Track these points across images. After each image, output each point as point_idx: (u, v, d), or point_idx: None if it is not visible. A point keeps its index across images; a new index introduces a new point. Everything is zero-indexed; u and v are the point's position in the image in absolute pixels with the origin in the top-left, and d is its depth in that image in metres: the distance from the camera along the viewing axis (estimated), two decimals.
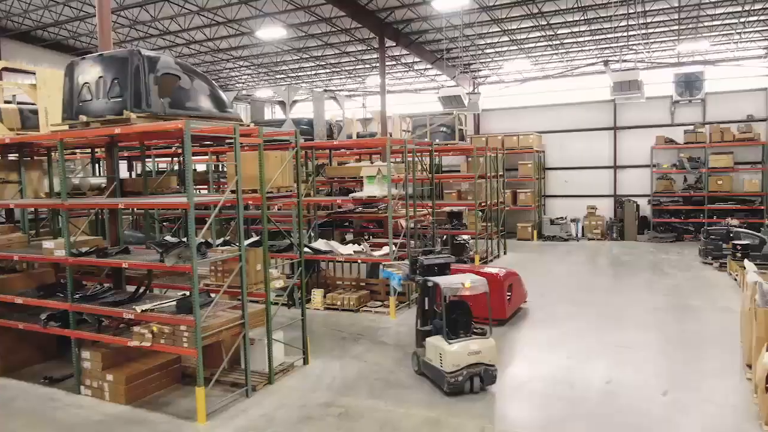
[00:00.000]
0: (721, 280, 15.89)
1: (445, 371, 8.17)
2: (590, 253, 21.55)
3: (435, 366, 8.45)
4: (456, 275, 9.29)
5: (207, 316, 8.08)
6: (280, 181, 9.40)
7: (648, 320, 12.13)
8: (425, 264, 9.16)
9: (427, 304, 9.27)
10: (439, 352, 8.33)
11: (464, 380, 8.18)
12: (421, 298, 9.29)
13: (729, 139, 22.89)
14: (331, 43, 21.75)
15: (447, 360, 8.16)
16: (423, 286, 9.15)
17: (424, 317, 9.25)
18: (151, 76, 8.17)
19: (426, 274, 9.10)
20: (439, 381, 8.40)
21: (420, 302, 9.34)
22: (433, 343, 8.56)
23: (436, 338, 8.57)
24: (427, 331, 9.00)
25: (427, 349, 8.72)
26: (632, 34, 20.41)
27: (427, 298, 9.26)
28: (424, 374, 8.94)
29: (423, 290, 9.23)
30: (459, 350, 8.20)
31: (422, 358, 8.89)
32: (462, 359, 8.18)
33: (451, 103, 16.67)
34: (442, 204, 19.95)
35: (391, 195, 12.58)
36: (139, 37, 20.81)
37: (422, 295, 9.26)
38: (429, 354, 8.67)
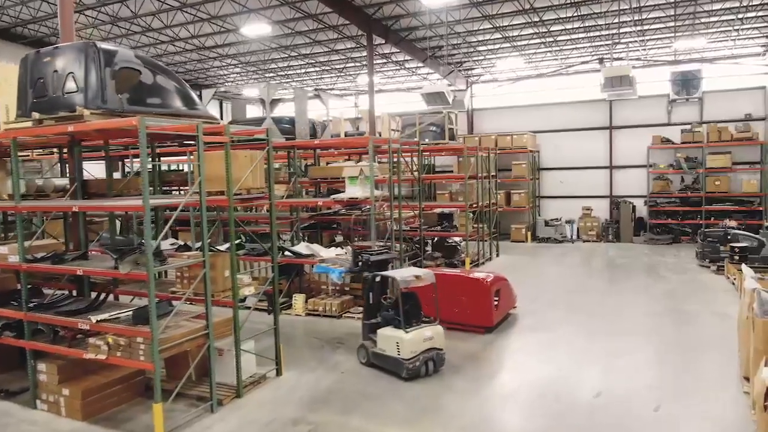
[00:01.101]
0: (718, 284, 15.38)
1: (403, 358, 8.70)
2: (585, 256, 21.04)
3: (391, 355, 8.90)
4: (407, 269, 10.16)
5: (167, 327, 7.55)
6: (251, 182, 8.89)
7: (642, 326, 11.61)
8: (371, 261, 9.75)
9: (372, 298, 9.67)
10: (395, 342, 8.82)
11: (421, 365, 8.80)
12: (366, 293, 9.71)
13: (727, 138, 22.43)
14: (319, 41, 21.22)
15: (405, 348, 8.72)
16: (370, 281, 9.61)
17: (370, 311, 9.66)
18: (108, 70, 7.66)
19: (372, 270, 9.65)
20: (396, 369, 8.83)
21: (365, 297, 9.74)
22: (387, 333, 9.03)
23: (389, 329, 9.06)
24: (375, 323, 9.43)
25: (380, 340, 9.15)
26: (627, 30, 19.92)
27: (371, 293, 9.67)
28: (374, 365, 9.26)
29: (368, 285, 9.66)
30: (415, 338, 8.82)
31: (372, 350, 9.28)
32: (418, 346, 8.82)
33: (435, 101, 16.15)
34: (431, 205, 19.44)
35: (373, 196, 12.06)
36: (122, 34, 20.27)
37: (367, 290, 9.70)
38: (382, 345, 9.10)
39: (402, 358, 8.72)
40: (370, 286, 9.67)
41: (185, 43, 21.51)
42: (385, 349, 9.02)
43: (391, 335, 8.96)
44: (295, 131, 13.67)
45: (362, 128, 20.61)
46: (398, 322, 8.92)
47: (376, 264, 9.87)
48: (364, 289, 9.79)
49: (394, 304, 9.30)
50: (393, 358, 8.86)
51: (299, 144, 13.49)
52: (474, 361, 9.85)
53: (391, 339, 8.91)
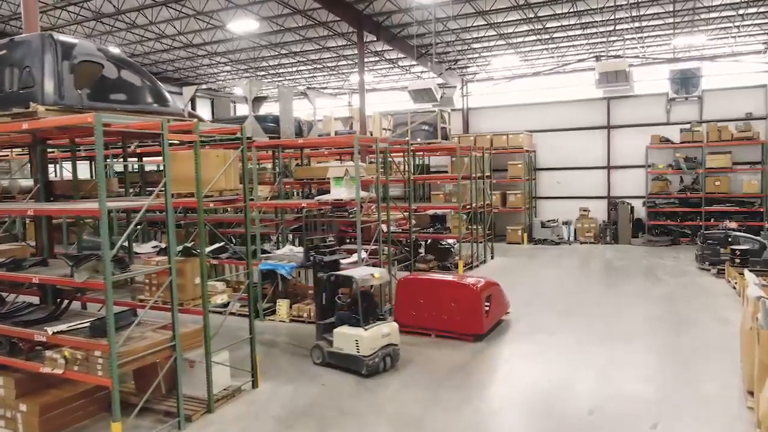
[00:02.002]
0: (718, 288, 14.88)
1: (363, 356, 8.87)
2: (582, 258, 20.53)
3: (349, 353, 9.02)
4: (363, 267, 10.26)
5: (130, 338, 7.05)
6: (223, 183, 8.37)
7: (640, 334, 11.10)
8: (325, 261, 9.72)
9: (325, 298, 9.70)
10: (354, 339, 8.97)
11: (379, 361, 9.01)
12: (319, 293, 9.74)
13: (727, 138, 21.93)
14: (310, 38, 20.71)
15: (364, 345, 8.90)
16: (325, 281, 9.62)
17: (323, 311, 9.69)
18: (66, 63, 7.13)
19: (325, 270, 9.67)
20: (355, 366, 8.97)
21: (318, 297, 9.79)
22: (345, 332, 9.14)
23: (346, 328, 9.18)
24: (330, 323, 9.47)
25: (337, 339, 9.21)
26: (625, 27, 19.41)
27: (325, 293, 9.69)
28: (330, 364, 9.29)
29: (322, 285, 9.66)
30: (374, 335, 9.03)
31: (327, 350, 9.33)
32: (377, 342, 9.05)
33: (423, 97, 15.63)
34: (424, 206, 18.93)
35: (359, 198, 11.53)
36: (107, 31, 19.75)
37: (320, 290, 9.71)
38: (339, 344, 9.18)
39: (361, 355, 8.90)
40: (324, 286, 9.69)
41: (172, 40, 21.00)
42: (343, 347, 9.12)
43: (349, 333, 9.10)
44: (280, 130, 13.14)
45: (355, 127, 20.10)
46: (356, 320, 9.14)
47: (329, 264, 9.82)
48: (318, 290, 9.81)
49: (352, 302, 9.48)
50: (351, 356, 9.00)
51: (283, 143, 12.97)
52: (462, 371, 9.34)
53: (350, 337, 9.05)
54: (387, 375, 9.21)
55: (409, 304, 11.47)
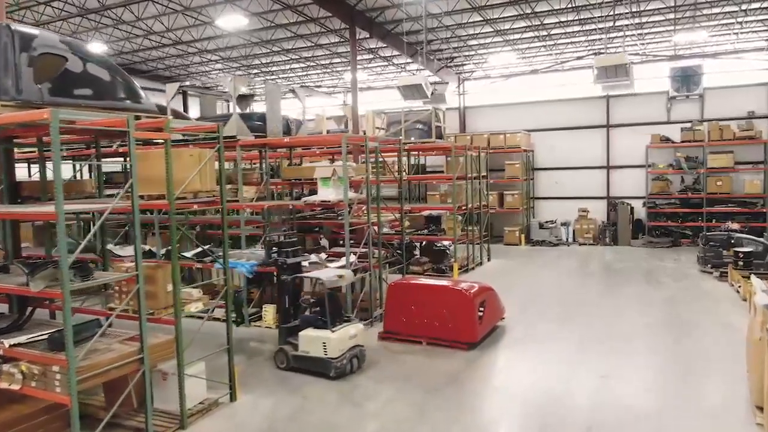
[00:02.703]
0: (721, 292, 14.39)
1: (331, 358, 8.77)
2: (580, 260, 20.04)
3: (316, 356, 8.90)
4: (328, 269, 10.23)
5: (94, 351, 6.57)
6: (198, 184, 7.87)
7: (639, 341, 10.60)
8: (288, 263, 9.45)
9: (288, 301, 9.48)
10: (322, 342, 8.85)
11: (347, 363, 8.94)
12: (282, 296, 9.49)
13: (729, 137, 21.45)
14: (301, 35, 20.21)
15: (333, 347, 8.80)
16: (289, 283, 9.43)
17: (287, 314, 9.47)
18: (24, 55, 6.63)
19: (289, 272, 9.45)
20: (323, 369, 8.85)
21: (281, 300, 9.54)
22: (311, 335, 9.00)
23: (312, 330, 9.05)
24: (294, 326, 9.30)
25: (302, 342, 9.06)
26: (625, 23, 18.91)
27: (287, 296, 9.48)
28: (295, 368, 9.11)
29: (285, 288, 9.44)
30: (342, 336, 8.96)
31: (292, 354, 9.16)
32: (345, 344, 8.99)
33: (412, 94, 15.12)
34: (418, 207, 18.45)
35: (347, 199, 11.04)
36: (93, 27, 19.25)
37: (283, 293, 9.48)
38: (305, 347, 9.03)
39: (329, 357, 8.80)
40: (287, 288, 9.48)
41: (161, 37, 20.50)
42: (310, 350, 8.99)
43: (316, 336, 8.97)
44: (266, 129, 12.63)
45: (348, 126, 19.58)
46: (322, 322, 9.04)
47: (292, 266, 9.57)
48: (281, 292, 9.57)
49: (317, 304, 9.40)
50: (319, 359, 8.89)
51: (269, 142, 12.47)
52: (453, 382, 8.85)
53: (317, 340, 8.93)
54: (374, 386, 8.74)
55: (400, 310, 10.99)
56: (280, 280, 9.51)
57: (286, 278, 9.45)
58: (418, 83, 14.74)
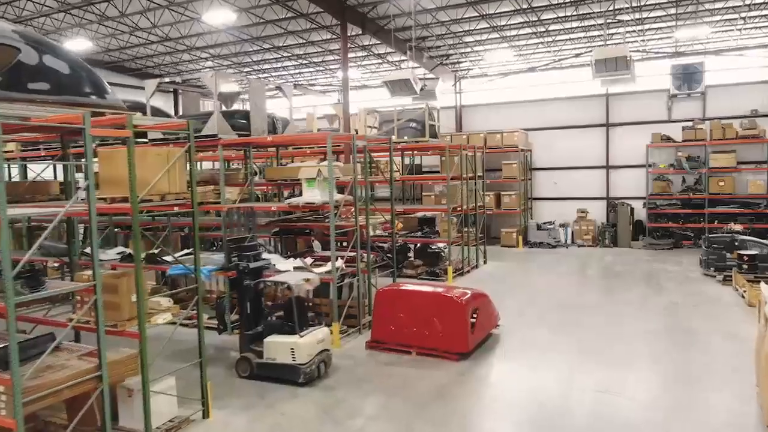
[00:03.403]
0: (725, 297, 13.83)
1: (299, 364, 8.55)
2: (579, 263, 19.47)
3: (283, 363, 8.63)
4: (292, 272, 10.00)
5: (47, 368, 6.03)
6: (165, 185, 7.30)
7: (640, 351, 10.04)
8: (252, 268, 9.08)
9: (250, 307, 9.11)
10: (290, 348, 8.60)
11: (315, 368, 8.76)
12: (243, 302, 9.11)
13: (731, 136, 20.89)
14: (292, 31, 19.62)
15: (301, 353, 8.58)
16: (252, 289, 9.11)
17: (249, 321, 9.09)
18: None
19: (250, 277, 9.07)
20: (291, 376, 8.59)
21: (243, 306, 9.13)
22: (278, 341, 8.73)
23: (278, 336, 8.77)
24: (258, 333, 8.97)
25: (268, 349, 8.77)
26: (625, 19, 18.34)
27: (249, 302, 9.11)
28: (260, 376, 8.79)
29: (249, 294, 9.08)
30: (310, 341, 8.73)
31: (257, 361, 8.85)
32: (314, 349, 8.79)
33: (400, 89, 14.55)
34: (411, 209, 17.88)
35: (333, 201, 10.48)
36: (76, 23, 18.65)
37: (244, 299, 9.10)
38: (271, 354, 8.75)
39: (298, 363, 8.57)
40: (249, 294, 9.11)
41: (148, 33, 19.90)
42: (276, 357, 8.72)
43: (283, 342, 8.70)
44: (250, 127, 12.07)
45: (339, 125, 19.03)
46: (289, 327, 8.79)
47: (254, 270, 9.17)
48: (242, 298, 9.15)
49: (285, 309, 9.15)
50: (287, 366, 8.63)
51: (252, 141, 11.90)
52: (442, 397, 8.29)
53: (284, 346, 8.67)
54: (358, 401, 8.20)
55: (388, 318, 10.44)
56: (242, 285, 9.08)
57: (248, 283, 9.06)
58: (406, 78, 14.12)
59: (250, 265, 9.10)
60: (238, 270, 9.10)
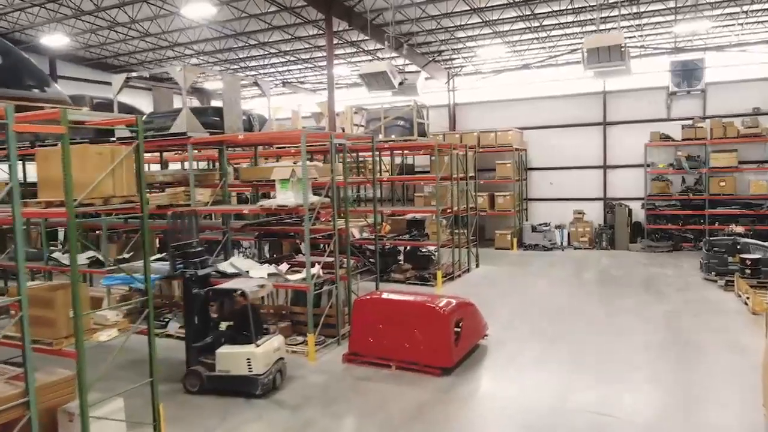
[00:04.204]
0: (727, 304, 13.12)
1: (257, 375, 8.11)
2: (575, 266, 18.76)
3: (239, 374, 8.16)
4: (243, 279, 9.50)
5: None
6: (110, 188, 6.58)
7: (637, 367, 9.32)
8: (200, 276, 8.60)
9: (199, 317, 8.53)
10: (245, 358, 8.15)
11: (273, 378, 8.34)
12: (191, 312, 8.50)
13: (732, 134, 20.18)
14: (277, 26, 18.92)
15: (258, 363, 8.14)
16: (202, 297, 8.55)
17: (198, 332, 8.49)
18: None
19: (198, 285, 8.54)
20: (247, 387, 8.15)
21: (190, 316, 8.52)
22: (233, 351, 8.24)
23: (232, 347, 8.29)
24: (209, 344, 8.38)
25: (221, 360, 8.23)
26: (622, 13, 17.62)
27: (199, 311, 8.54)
28: (211, 390, 8.23)
29: (193, 303, 8.48)
30: (267, 351, 8.30)
31: (208, 374, 8.27)
32: (271, 358, 8.38)
33: (377, 83, 13.79)
34: (400, 210, 17.18)
35: (308, 203, 9.76)
36: (53, 18, 17.93)
37: (192, 308, 8.51)
38: (224, 366, 8.22)
39: (255, 374, 8.11)
40: (198, 303, 8.52)
41: (128, 28, 19.19)
42: (230, 369, 8.19)
43: (238, 352, 8.20)
44: (223, 124, 11.35)
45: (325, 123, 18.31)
46: (243, 337, 8.29)
47: (202, 278, 8.66)
48: (189, 308, 8.55)
49: (238, 318, 8.51)
50: (242, 378, 8.15)
51: (221, 139, 11.17)
52: (420, 419, 7.58)
53: (239, 356, 8.17)
54: (329, 423, 7.50)
55: (367, 329, 9.72)
56: (190, 293, 8.48)
57: (198, 291, 8.48)
58: (382, 71, 13.27)
59: (198, 272, 8.51)
60: (184, 278, 8.45)
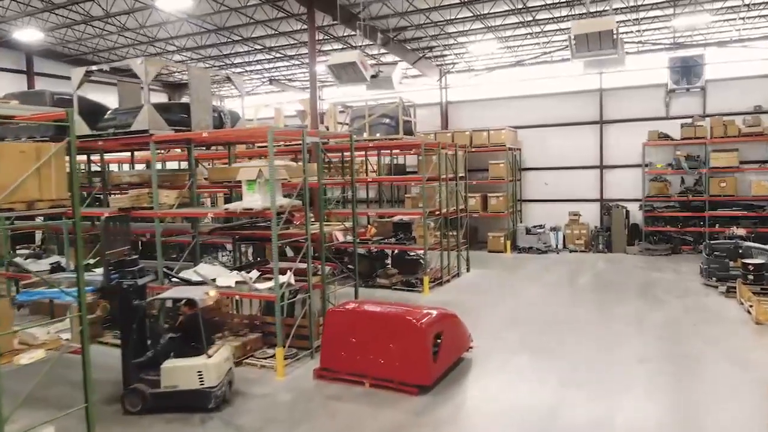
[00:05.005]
0: (729, 312, 12.37)
1: (209, 387, 7.63)
2: (570, 271, 18.00)
3: (189, 389, 7.59)
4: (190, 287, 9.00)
5: None
6: (35, 190, 5.83)
7: (633, 384, 8.57)
8: (139, 286, 7.94)
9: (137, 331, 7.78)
10: (197, 371, 7.61)
11: (225, 389, 7.90)
12: (128, 325, 7.69)
13: (733, 133, 19.47)
14: (259, 20, 18.15)
15: (211, 374, 7.66)
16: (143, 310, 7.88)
17: (138, 347, 7.78)
18: None
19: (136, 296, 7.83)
20: (200, 402, 7.62)
21: (127, 331, 7.70)
22: (181, 365, 7.64)
23: (179, 360, 7.66)
24: (150, 359, 7.71)
25: (168, 376, 7.59)
26: (618, 6, 16.88)
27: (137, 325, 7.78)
28: (155, 409, 7.58)
29: (131, 316, 7.71)
30: (219, 360, 7.84)
31: (152, 392, 7.59)
32: (223, 368, 7.94)
33: (347, 75, 12.99)
34: (386, 212, 16.44)
35: (275, 206, 9.00)
36: (26, 12, 17.15)
37: (129, 322, 7.69)
38: (172, 381, 7.60)
39: (207, 387, 7.62)
40: (139, 316, 7.81)
41: (104, 23, 18.41)
42: (179, 383, 7.61)
43: (188, 365, 7.62)
44: (190, 121, 10.59)
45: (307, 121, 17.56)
46: (193, 348, 7.73)
47: (140, 289, 8.00)
48: (126, 322, 7.76)
49: (188, 328, 7.89)
50: (193, 392, 7.60)
51: (185, 137, 10.40)
52: None
53: (189, 369, 7.61)
54: None
55: (339, 342, 8.97)
56: (129, 306, 7.73)
57: (140, 303, 7.81)
58: (352, 61, 12.41)
59: (138, 282, 7.84)
60: (122, 290, 7.71)
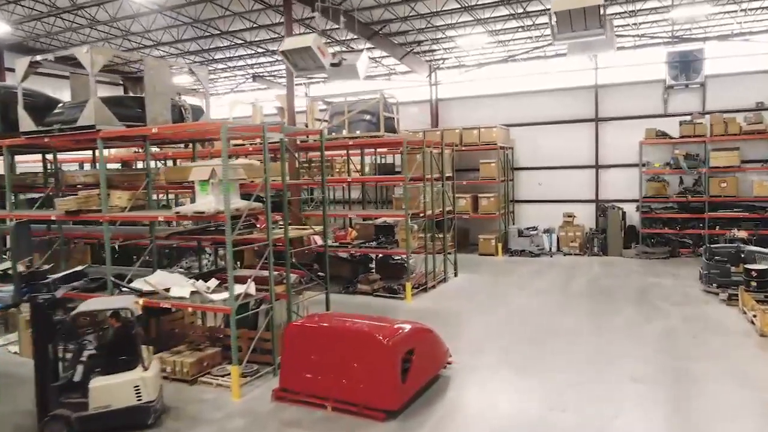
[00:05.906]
0: (731, 322, 11.51)
1: (148, 402, 7.15)
2: (563, 275, 17.12)
3: (123, 407, 7.01)
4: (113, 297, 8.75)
5: None
6: None
7: (627, 406, 7.71)
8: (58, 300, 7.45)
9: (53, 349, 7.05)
10: (134, 386, 7.10)
11: (162, 402, 7.52)
12: (44, 345, 6.93)
13: (734, 131, 18.66)
14: (236, 12, 17.26)
15: (149, 388, 7.18)
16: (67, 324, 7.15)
17: (55, 368, 7.07)
18: None
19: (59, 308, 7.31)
20: (138, 419, 7.12)
21: (42, 351, 6.92)
22: (114, 382, 7.04)
23: (110, 377, 7.06)
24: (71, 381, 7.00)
25: (98, 395, 6.91)
26: None
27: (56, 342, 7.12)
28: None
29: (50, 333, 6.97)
30: (156, 372, 7.44)
31: (80, 415, 6.83)
32: (159, 380, 7.57)
33: (303, 63, 12.05)
34: (366, 214, 15.57)
35: (229, 209, 8.11)
36: None
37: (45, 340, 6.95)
38: (103, 401, 6.93)
39: (146, 402, 7.12)
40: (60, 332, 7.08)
41: (73, 15, 17.53)
42: (112, 402, 6.97)
43: (123, 381, 7.04)
44: (145, 116, 9.71)
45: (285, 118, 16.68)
46: (124, 362, 7.20)
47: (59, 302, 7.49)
48: (42, 340, 6.97)
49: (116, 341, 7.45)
50: (130, 409, 7.03)
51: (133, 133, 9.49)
52: None
53: (124, 386, 7.03)
54: None
55: (300, 360, 8.10)
56: (46, 321, 6.96)
57: (63, 317, 7.10)
58: (307, 46, 11.39)
59: (55, 294, 7.27)
60: (37, 304, 6.94)
